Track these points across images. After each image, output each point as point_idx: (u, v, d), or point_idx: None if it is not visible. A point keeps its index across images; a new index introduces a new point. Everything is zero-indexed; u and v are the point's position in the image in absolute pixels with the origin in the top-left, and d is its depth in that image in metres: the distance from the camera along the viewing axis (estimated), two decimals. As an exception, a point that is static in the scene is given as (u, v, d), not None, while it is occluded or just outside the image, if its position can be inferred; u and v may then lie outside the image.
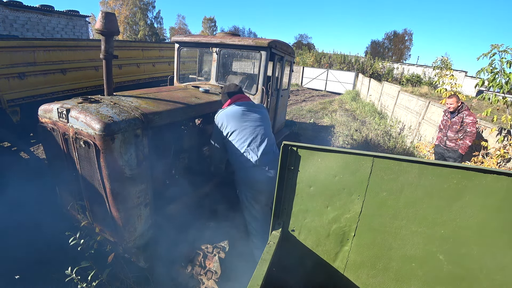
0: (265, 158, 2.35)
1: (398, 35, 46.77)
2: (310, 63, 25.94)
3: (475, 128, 4.14)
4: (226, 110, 2.43)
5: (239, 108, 2.42)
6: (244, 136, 2.35)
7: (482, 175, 1.17)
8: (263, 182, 2.36)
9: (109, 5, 33.94)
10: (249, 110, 2.46)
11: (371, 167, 1.33)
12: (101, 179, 1.86)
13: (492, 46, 3.60)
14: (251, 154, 2.33)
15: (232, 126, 2.35)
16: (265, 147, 2.38)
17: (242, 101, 2.51)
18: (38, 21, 13.83)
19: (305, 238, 1.62)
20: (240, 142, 2.35)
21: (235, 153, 2.37)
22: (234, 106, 2.44)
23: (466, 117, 4.20)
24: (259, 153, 2.34)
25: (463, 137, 4.23)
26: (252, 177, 2.37)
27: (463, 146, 4.20)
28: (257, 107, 2.55)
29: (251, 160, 2.32)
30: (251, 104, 2.54)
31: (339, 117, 10.50)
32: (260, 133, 2.40)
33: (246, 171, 2.38)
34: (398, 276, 1.47)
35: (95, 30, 1.97)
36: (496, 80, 3.63)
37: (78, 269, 1.98)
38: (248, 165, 2.34)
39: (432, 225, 1.31)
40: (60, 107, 1.90)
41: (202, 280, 2.23)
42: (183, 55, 3.96)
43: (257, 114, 2.47)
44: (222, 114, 2.42)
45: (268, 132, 2.49)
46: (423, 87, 21.34)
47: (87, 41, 4.59)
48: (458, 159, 4.34)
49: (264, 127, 2.46)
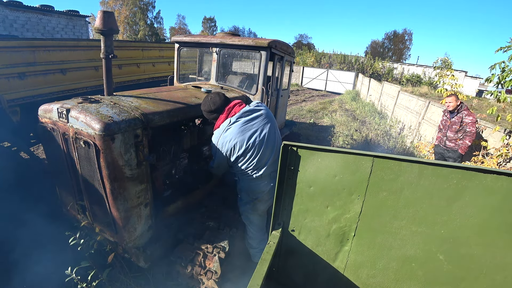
0: (271, 168, 2.25)
1: (398, 35, 46.75)
2: (310, 63, 25.94)
3: (474, 128, 4.13)
4: (227, 134, 2.12)
5: (239, 123, 2.12)
6: (251, 155, 2.14)
7: (482, 175, 1.17)
8: (265, 192, 2.30)
9: (109, 5, 33.92)
10: (249, 118, 2.17)
11: (371, 167, 1.33)
12: (101, 179, 1.86)
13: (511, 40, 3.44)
14: (258, 169, 2.20)
15: (237, 149, 2.11)
16: (273, 156, 2.24)
17: (238, 111, 2.18)
18: (38, 21, 13.82)
19: (305, 238, 1.62)
20: (247, 163, 2.16)
21: (241, 171, 2.25)
22: (232, 124, 2.12)
23: (465, 117, 4.20)
24: (266, 166, 2.21)
25: (463, 137, 4.22)
26: (254, 188, 2.30)
27: (463, 146, 4.20)
28: (256, 110, 2.25)
29: (255, 173, 2.22)
30: (249, 109, 2.22)
31: (339, 117, 10.50)
32: (266, 141, 2.18)
33: (250, 182, 2.30)
34: (398, 276, 1.47)
35: (95, 29, 1.97)
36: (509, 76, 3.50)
37: (78, 269, 1.98)
38: (251, 177, 2.25)
39: (432, 225, 1.31)
40: (60, 107, 1.90)
41: (202, 280, 2.23)
42: (183, 55, 3.96)
43: (259, 119, 2.21)
44: (223, 138, 2.13)
45: (275, 134, 2.30)
46: (423, 87, 21.33)
47: (87, 41, 4.59)
48: (458, 159, 4.33)
49: (269, 129, 2.23)
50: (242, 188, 2.39)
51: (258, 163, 2.18)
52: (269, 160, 2.23)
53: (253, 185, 2.29)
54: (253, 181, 2.27)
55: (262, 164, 2.21)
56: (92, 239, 2.17)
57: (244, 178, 2.31)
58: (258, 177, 2.23)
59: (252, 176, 2.24)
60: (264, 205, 2.39)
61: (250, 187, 2.32)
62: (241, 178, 2.35)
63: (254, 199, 2.35)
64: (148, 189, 2.12)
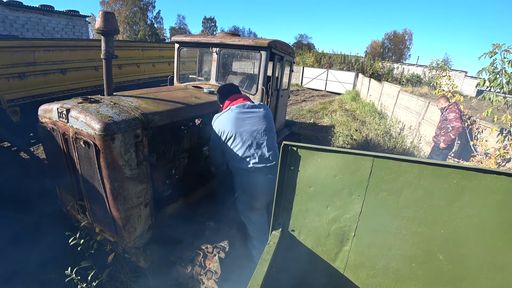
0: (262, 163, 2.30)
1: (398, 35, 46.77)
2: (310, 63, 25.94)
3: (458, 123, 4.31)
4: (223, 116, 2.33)
5: (237, 111, 2.31)
6: (241, 141, 2.26)
7: (482, 175, 1.16)
8: (258, 187, 2.31)
9: (109, 5, 33.94)
10: (247, 111, 2.35)
11: (371, 167, 1.33)
12: (101, 179, 1.85)
13: (493, 46, 3.60)
14: (249, 159, 2.27)
15: (229, 132, 2.26)
16: (264, 152, 2.31)
17: (240, 103, 2.38)
18: (38, 21, 13.82)
19: (305, 238, 1.62)
20: (237, 148, 2.28)
21: (233, 159, 2.32)
22: (231, 110, 2.33)
23: (448, 114, 4.48)
24: (257, 159, 2.28)
25: (446, 132, 4.49)
26: (247, 182, 2.33)
27: (445, 139, 4.46)
28: (256, 107, 2.42)
29: (248, 165, 2.27)
30: (250, 105, 2.41)
31: (339, 117, 10.50)
32: (258, 137, 2.31)
33: (242, 177, 2.34)
34: (398, 276, 1.47)
35: (95, 29, 1.97)
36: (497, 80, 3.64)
37: (78, 269, 1.98)
38: (245, 170, 2.29)
39: (432, 225, 1.31)
40: (60, 107, 1.90)
41: (202, 280, 2.22)
42: (183, 55, 3.96)
43: (257, 115, 2.36)
44: (219, 120, 2.33)
45: (268, 134, 2.39)
46: (423, 87, 21.35)
47: (87, 41, 4.59)
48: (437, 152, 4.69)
49: (264, 129, 2.35)
50: (237, 183, 2.44)
51: (246, 152, 2.27)
52: (259, 154, 2.30)
53: (248, 180, 2.33)
54: (247, 175, 2.32)
55: (251, 154, 2.28)
56: (92, 239, 2.16)
57: (238, 172, 2.37)
58: (251, 171, 2.29)
59: (245, 169, 2.30)
60: (260, 202, 2.40)
61: (244, 182, 2.36)
62: (236, 172, 2.41)
63: (249, 195, 2.37)
64: (148, 189, 2.12)
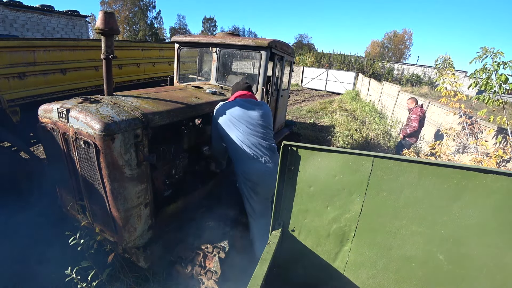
0: (260, 151, 2.40)
1: (398, 35, 46.76)
2: (310, 63, 25.95)
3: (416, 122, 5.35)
4: (226, 103, 2.52)
5: (239, 103, 2.48)
6: (240, 129, 2.39)
7: (482, 175, 1.16)
8: (259, 174, 2.40)
9: (109, 5, 33.94)
10: (249, 105, 2.48)
11: (371, 167, 1.33)
12: (101, 179, 1.85)
13: (482, 50, 3.62)
14: (247, 146, 2.38)
15: (230, 118, 2.40)
16: (261, 142, 2.42)
17: (245, 98, 2.56)
18: (38, 21, 13.83)
19: (305, 238, 1.62)
20: (236, 134, 2.39)
21: (233, 144, 2.42)
22: (235, 101, 2.51)
23: (411, 115, 5.52)
24: (255, 147, 2.39)
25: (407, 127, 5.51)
26: (248, 169, 2.42)
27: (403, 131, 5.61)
28: (258, 104, 2.57)
29: (248, 152, 2.37)
30: (252, 101, 2.56)
31: (339, 117, 10.50)
32: (257, 129, 2.44)
33: (243, 163, 2.44)
34: (398, 276, 1.47)
35: (95, 30, 1.97)
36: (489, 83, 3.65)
37: (78, 269, 1.98)
38: (245, 157, 2.39)
39: (432, 225, 1.31)
40: (60, 107, 1.90)
41: (202, 280, 2.23)
42: (183, 55, 3.96)
43: (257, 111, 2.48)
44: (222, 106, 2.50)
45: (266, 129, 2.51)
46: (423, 87, 21.34)
47: (87, 41, 4.58)
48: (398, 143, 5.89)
49: (263, 122, 2.48)
50: (238, 170, 2.52)
51: (245, 140, 2.38)
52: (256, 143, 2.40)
53: (246, 167, 2.42)
54: (246, 161, 2.41)
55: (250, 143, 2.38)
56: (92, 239, 2.16)
57: (237, 159, 2.47)
58: (250, 158, 2.39)
59: (244, 157, 2.40)
60: (262, 188, 2.46)
61: (244, 169, 2.44)
62: (235, 159, 2.51)
63: (250, 180, 2.44)
64: (148, 189, 2.12)
